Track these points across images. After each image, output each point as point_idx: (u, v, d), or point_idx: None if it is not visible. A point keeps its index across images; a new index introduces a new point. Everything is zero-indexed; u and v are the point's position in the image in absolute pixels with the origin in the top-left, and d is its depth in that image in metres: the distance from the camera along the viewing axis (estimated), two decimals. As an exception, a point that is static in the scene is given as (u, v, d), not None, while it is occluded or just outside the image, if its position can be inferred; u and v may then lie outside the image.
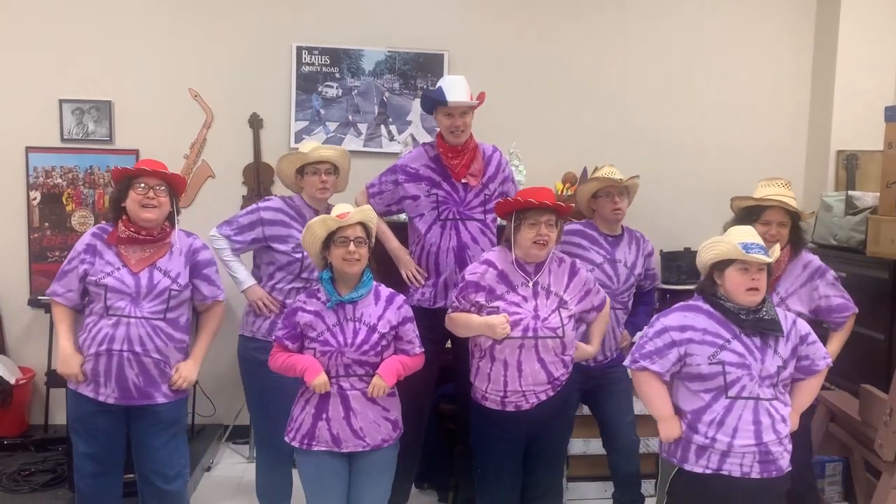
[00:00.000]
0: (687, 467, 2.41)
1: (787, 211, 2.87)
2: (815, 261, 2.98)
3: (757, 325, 2.40)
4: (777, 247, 2.53)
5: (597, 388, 3.18)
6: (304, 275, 3.12)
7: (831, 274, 2.98)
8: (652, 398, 2.48)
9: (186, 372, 2.82)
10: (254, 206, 3.22)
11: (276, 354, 2.65)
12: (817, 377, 2.51)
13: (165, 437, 2.81)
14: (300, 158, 3.16)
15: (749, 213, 2.90)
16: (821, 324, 3.01)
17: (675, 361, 2.42)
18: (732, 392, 2.36)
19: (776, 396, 2.39)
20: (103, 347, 2.67)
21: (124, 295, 2.69)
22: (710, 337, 2.40)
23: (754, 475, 2.35)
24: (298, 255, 3.10)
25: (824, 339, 2.96)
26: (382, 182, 3.25)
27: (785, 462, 2.41)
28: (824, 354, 2.50)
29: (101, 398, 2.71)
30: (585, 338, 2.87)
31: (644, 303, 3.41)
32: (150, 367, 2.73)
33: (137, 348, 2.69)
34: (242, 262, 3.20)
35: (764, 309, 2.42)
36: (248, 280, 3.16)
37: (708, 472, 2.37)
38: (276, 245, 3.13)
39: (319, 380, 2.52)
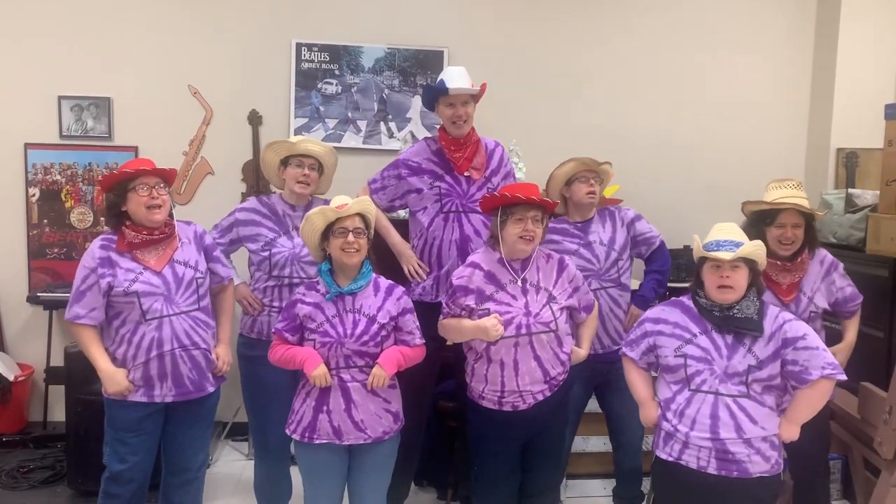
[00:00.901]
0: (657, 453, 2.51)
1: (801, 212, 2.87)
2: (828, 255, 3.03)
3: (727, 322, 2.42)
4: (753, 244, 2.46)
5: (605, 383, 3.19)
6: (275, 272, 3.10)
7: (841, 266, 3.03)
8: (631, 383, 2.65)
9: (226, 356, 2.90)
10: (234, 208, 3.24)
11: (275, 347, 2.65)
12: (812, 388, 2.34)
13: (203, 426, 2.89)
14: (286, 148, 3.14)
15: (763, 216, 2.90)
16: (834, 318, 3.04)
17: (645, 351, 2.57)
18: (693, 385, 2.42)
19: (747, 395, 2.37)
20: (154, 353, 2.67)
21: (157, 296, 2.69)
22: (679, 330, 2.49)
23: (711, 471, 2.36)
24: (266, 254, 3.10)
25: (833, 339, 2.98)
26: (385, 177, 3.24)
27: (756, 467, 2.35)
28: (823, 365, 2.32)
29: (157, 399, 2.72)
30: (577, 341, 2.86)
31: (651, 271, 3.29)
32: (200, 358, 2.77)
33: (186, 342, 2.72)
34: (231, 262, 3.20)
35: (737, 307, 2.41)
36: (234, 279, 3.16)
37: (670, 459, 2.44)
38: (248, 245, 3.16)
39: (319, 371, 2.52)
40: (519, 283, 2.70)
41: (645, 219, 3.31)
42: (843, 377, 2.37)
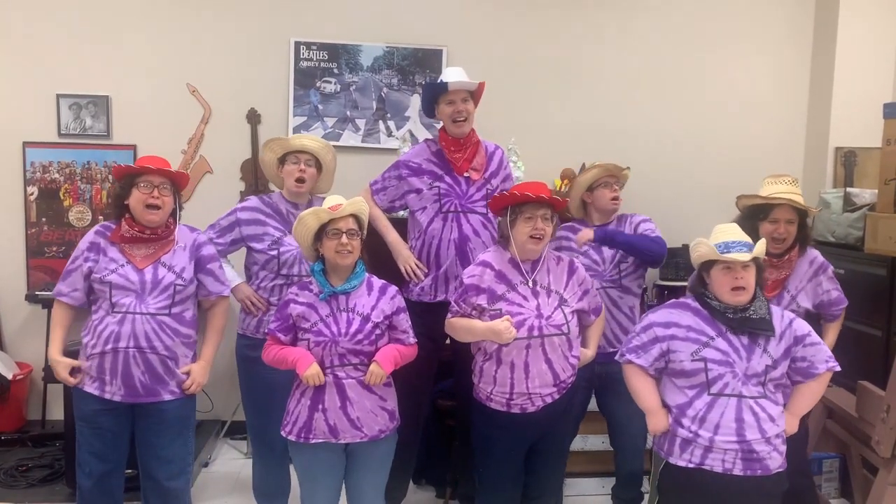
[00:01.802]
0: (672, 460, 2.44)
1: (795, 208, 2.86)
2: (819, 256, 3.00)
3: (743, 324, 2.41)
4: (762, 242, 2.49)
5: (605, 387, 3.16)
6: (284, 271, 3.10)
7: (831, 269, 3.00)
8: (638, 391, 2.54)
9: (198, 377, 2.80)
10: (233, 207, 3.22)
11: (269, 347, 2.65)
12: (818, 381, 2.45)
13: (171, 435, 2.79)
14: (281, 146, 3.16)
15: (756, 211, 2.90)
16: (818, 319, 3.04)
17: (657, 357, 2.48)
18: (715, 389, 2.38)
19: (764, 395, 2.38)
20: (109, 346, 2.65)
21: (129, 291, 2.67)
22: (693, 334, 2.44)
23: (737, 472, 2.35)
24: (274, 253, 3.09)
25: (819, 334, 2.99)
26: (385, 178, 3.26)
27: (774, 462, 2.38)
28: (827, 358, 2.44)
29: (107, 396, 2.69)
30: (583, 342, 2.83)
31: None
32: (156, 364, 2.70)
33: (143, 344, 2.67)
34: (230, 262, 3.19)
35: (752, 308, 2.42)
36: (235, 279, 3.13)
37: (691, 466, 2.40)
38: (253, 244, 3.14)
39: (311, 371, 2.51)
40: (529, 284, 2.69)
41: (653, 223, 3.23)
42: (839, 367, 2.46)
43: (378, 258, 3.27)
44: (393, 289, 2.73)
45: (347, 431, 2.57)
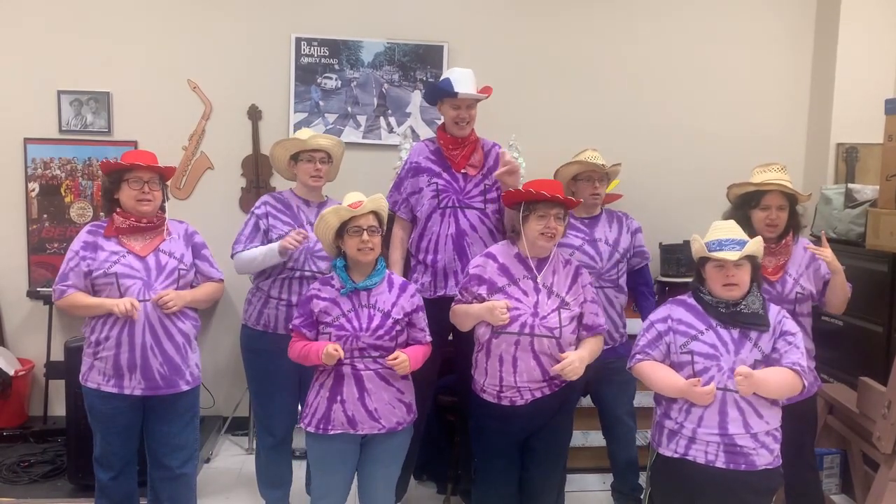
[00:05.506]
0: (661, 451, 2.49)
1: (785, 194, 2.90)
2: (811, 244, 3.04)
3: (734, 318, 2.44)
4: (759, 239, 2.50)
5: (598, 378, 3.17)
6: (290, 264, 3.13)
7: None
8: (661, 379, 2.46)
9: (173, 294, 2.74)
10: (248, 214, 3.26)
11: (294, 344, 2.67)
12: (781, 370, 2.39)
13: (182, 423, 2.88)
14: (296, 145, 3.20)
15: (748, 199, 2.94)
16: (819, 314, 3.05)
17: (665, 352, 2.51)
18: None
19: None
20: (125, 338, 2.69)
21: (136, 280, 2.72)
22: (683, 327, 2.49)
23: (719, 465, 2.37)
24: None
25: (822, 332, 3.01)
26: (398, 191, 3.29)
27: (761, 459, 2.38)
28: (795, 360, 2.40)
29: (127, 391, 2.73)
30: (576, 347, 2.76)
31: (643, 284, 3.40)
32: (173, 353, 2.76)
33: (159, 332, 2.72)
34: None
35: (744, 302, 2.45)
36: (272, 245, 3.07)
37: (676, 456, 2.44)
38: (269, 236, 3.18)
39: (327, 349, 2.49)
40: (532, 281, 2.70)
41: (641, 233, 3.37)
42: (807, 381, 2.43)
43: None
44: (412, 287, 2.77)
45: (365, 423, 2.59)
